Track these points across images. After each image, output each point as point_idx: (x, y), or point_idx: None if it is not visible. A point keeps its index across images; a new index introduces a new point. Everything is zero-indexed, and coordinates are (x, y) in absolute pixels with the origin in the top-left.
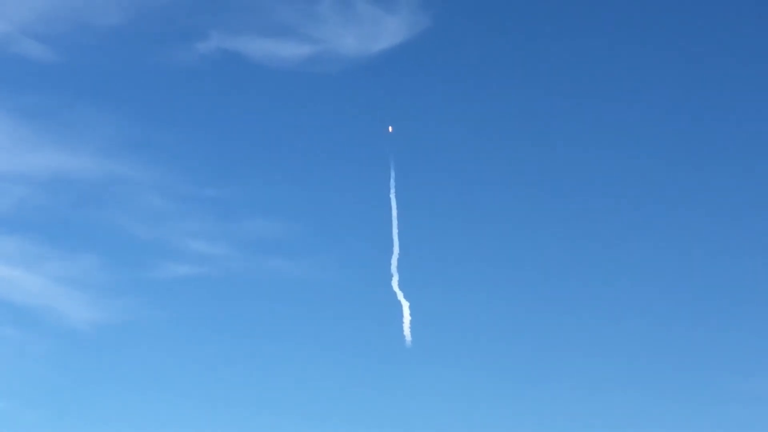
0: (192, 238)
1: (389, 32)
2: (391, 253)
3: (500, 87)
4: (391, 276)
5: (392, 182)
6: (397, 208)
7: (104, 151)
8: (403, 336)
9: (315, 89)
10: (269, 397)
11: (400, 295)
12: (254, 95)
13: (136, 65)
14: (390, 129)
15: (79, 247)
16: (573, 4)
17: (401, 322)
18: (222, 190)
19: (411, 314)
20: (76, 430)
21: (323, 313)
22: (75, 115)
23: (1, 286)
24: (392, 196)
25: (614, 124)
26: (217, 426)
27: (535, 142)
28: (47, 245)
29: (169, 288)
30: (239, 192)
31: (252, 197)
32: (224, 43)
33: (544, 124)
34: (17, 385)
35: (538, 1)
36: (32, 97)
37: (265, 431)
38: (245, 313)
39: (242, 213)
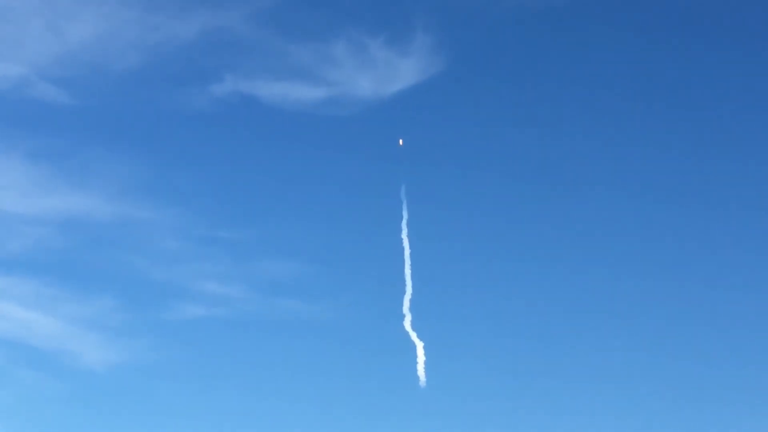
0: (206, 279)
1: (403, 75)
2: (404, 293)
3: (513, 130)
4: (403, 316)
5: (404, 223)
6: (410, 248)
7: (119, 193)
8: (417, 377)
9: (329, 132)
10: None
11: (413, 336)
12: (269, 138)
13: (152, 108)
14: (401, 142)
15: (94, 289)
16: (584, 48)
17: (415, 363)
18: (236, 231)
19: (425, 354)
20: None
21: (337, 355)
22: (91, 157)
23: (17, 328)
24: (404, 236)
25: (624, 168)
26: None
27: (548, 184)
28: (62, 287)
29: (183, 329)
30: (253, 234)
31: (266, 239)
32: (239, 86)
33: (557, 165)
34: (33, 427)
35: (550, 45)
36: (48, 139)
37: None
38: (260, 354)
39: (256, 254)
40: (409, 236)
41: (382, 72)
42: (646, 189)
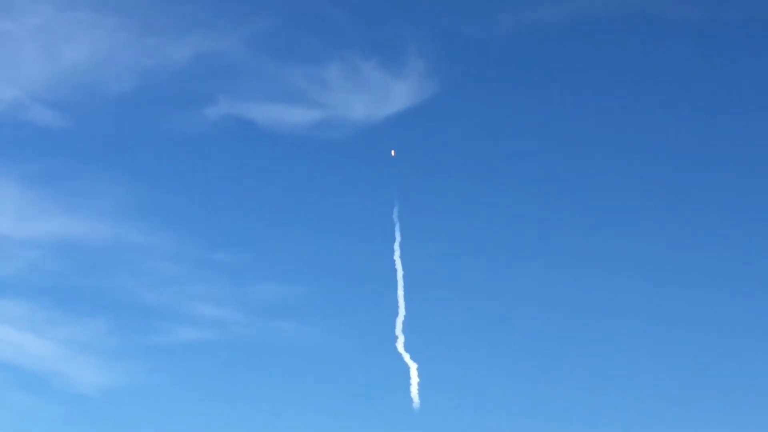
0: (200, 302)
1: (396, 98)
2: (397, 315)
3: (507, 151)
4: (396, 338)
5: (397, 245)
6: (403, 270)
7: (113, 216)
8: (411, 399)
9: (323, 154)
10: None
11: (406, 357)
12: (262, 160)
13: (145, 131)
14: (393, 153)
15: (88, 312)
16: (576, 71)
17: (408, 385)
18: (230, 254)
19: (418, 376)
20: None
21: (331, 377)
22: (84, 180)
23: (10, 351)
24: (397, 258)
25: (621, 188)
26: None
27: (542, 204)
28: (56, 310)
29: (177, 352)
30: (247, 256)
31: (260, 261)
32: (232, 109)
33: (551, 186)
34: None
35: (542, 69)
36: (41, 162)
37: None
38: (254, 377)
39: (250, 277)
40: (401, 258)
41: (375, 95)
42: (640, 203)
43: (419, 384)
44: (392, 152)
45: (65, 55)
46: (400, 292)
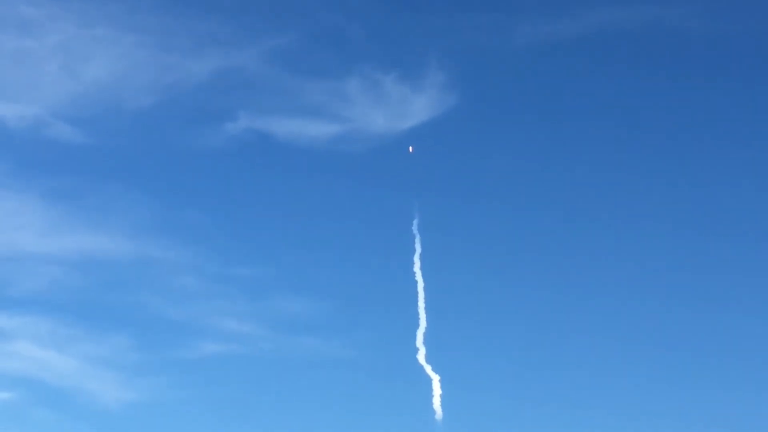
0: (222, 317)
1: (416, 111)
2: (417, 327)
3: (526, 164)
4: (417, 350)
5: (417, 257)
6: (423, 282)
7: (135, 232)
8: (434, 410)
9: (343, 168)
10: None
11: (428, 369)
12: (283, 174)
13: (167, 146)
14: (411, 149)
15: (110, 328)
16: (598, 83)
17: (431, 397)
18: (251, 269)
19: (440, 388)
20: None
21: (353, 390)
22: (106, 196)
23: (33, 367)
24: (417, 270)
25: (639, 199)
26: None
27: (562, 216)
28: (78, 326)
29: (199, 367)
30: (269, 271)
31: (281, 275)
32: (253, 124)
33: (570, 198)
34: None
35: (563, 81)
36: (63, 179)
37: None
38: (276, 392)
39: (272, 292)
40: (422, 270)
41: (396, 108)
42: (662, 217)
43: (441, 396)
44: (410, 148)
45: (86, 72)
46: (421, 304)
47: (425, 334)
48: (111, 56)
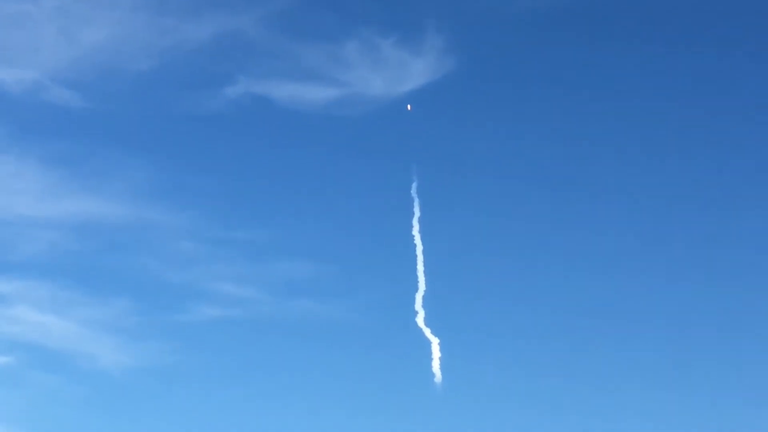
0: (222, 280)
1: (415, 75)
2: (416, 290)
3: (524, 128)
4: (416, 313)
5: (416, 220)
6: (422, 245)
7: (133, 196)
8: (433, 373)
9: (341, 132)
10: None
11: (427, 332)
12: (282, 139)
13: (165, 111)
14: (408, 107)
15: (110, 292)
16: (598, 49)
17: (430, 360)
18: (250, 232)
19: (440, 351)
20: None
21: (352, 353)
22: (104, 160)
23: (33, 332)
24: (416, 233)
25: (638, 169)
26: None
27: (559, 181)
28: (78, 290)
29: (199, 330)
30: (268, 234)
31: (280, 239)
32: (252, 88)
33: (568, 164)
34: (51, 430)
35: (562, 46)
36: (61, 143)
37: None
38: (275, 354)
39: (271, 255)
40: (420, 233)
41: (394, 72)
42: (662, 190)
43: (441, 359)
44: (408, 106)
45: (84, 36)
46: (420, 267)
47: (424, 297)
48: (109, 20)
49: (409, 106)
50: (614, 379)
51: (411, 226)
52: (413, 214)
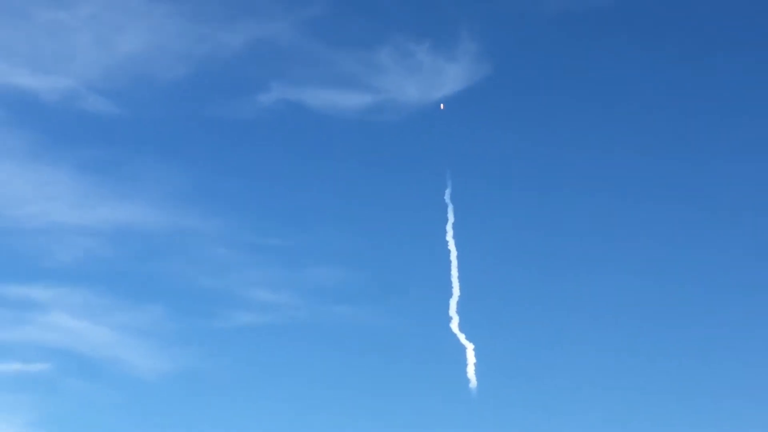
0: (256, 287)
1: (450, 80)
2: (450, 296)
3: (558, 134)
4: (450, 319)
5: (450, 226)
6: (456, 251)
7: (168, 202)
8: (468, 379)
9: (375, 138)
10: None
11: (461, 338)
12: (316, 145)
13: (199, 118)
14: (442, 106)
15: (145, 298)
16: (630, 53)
17: (464, 365)
18: (285, 239)
19: (474, 356)
20: None
21: (386, 359)
22: (139, 167)
23: (68, 338)
24: (450, 239)
25: (672, 176)
26: None
27: (593, 186)
28: (113, 296)
29: (233, 336)
30: (302, 241)
31: (314, 245)
32: (286, 94)
33: (600, 170)
34: None
35: (595, 50)
36: (96, 150)
37: None
38: (309, 360)
39: (304, 261)
40: (454, 238)
41: (428, 78)
42: (688, 195)
43: (476, 364)
44: (441, 106)
45: (119, 44)
46: (454, 273)
47: (458, 303)
48: (143, 27)
49: (442, 105)
50: (649, 384)
51: (445, 232)
52: (447, 219)
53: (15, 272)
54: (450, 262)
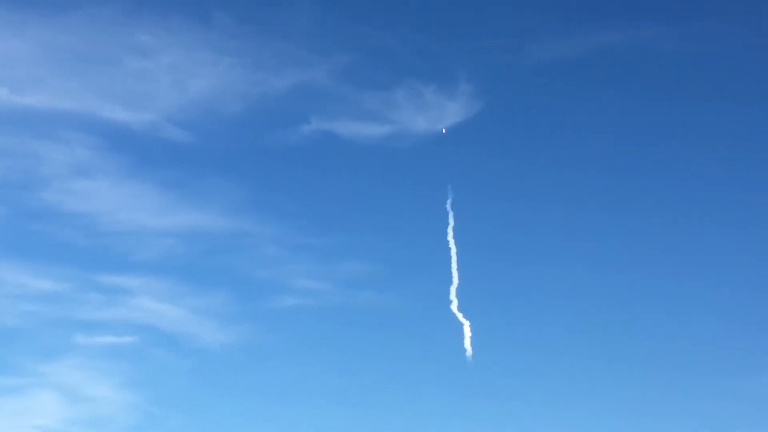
0: (299, 277)
1: (450, 114)
2: (451, 283)
3: (537, 157)
4: (451, 302)
5: (450, 228)
6: (456, 248)
7: (230, 211)
8: (464, 349)
9: (392, 160)
10: (356, 399)
11: (460, 316)
12: (345, 165)
13: (254, 144)
14: (444, 131)
15: (211, 286)
16: (593, 95)
17: (462, 339)
18: (321, 239)
19: (471, 331)
20: (209, 428)
21: (400, 334)
22: (207, 183)
23: (151, 317)
24: (450, 239)
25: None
26: (291, 419)
27: (562, 208)
28: (186, 284)
29: (281, 316)
30: (335, 241)
31: (344, 245)
32: (322, 126)
33: (575, 183)
34: (164, 394)
35: (566, 92)
36: (174, 170)
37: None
38: (340, 335)
39: (338, 257)
40: (454, 239)
41: (433, 112)
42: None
43: (471, 338)
44: (443, 130)
45: (191, 86)
46: (454, 265)
47: (457, 289)
48: (211, 73)
49: (444, 130)
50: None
51: (447, 234)
52: (448, 224)
53: (110, 265)
54: (451, 257)
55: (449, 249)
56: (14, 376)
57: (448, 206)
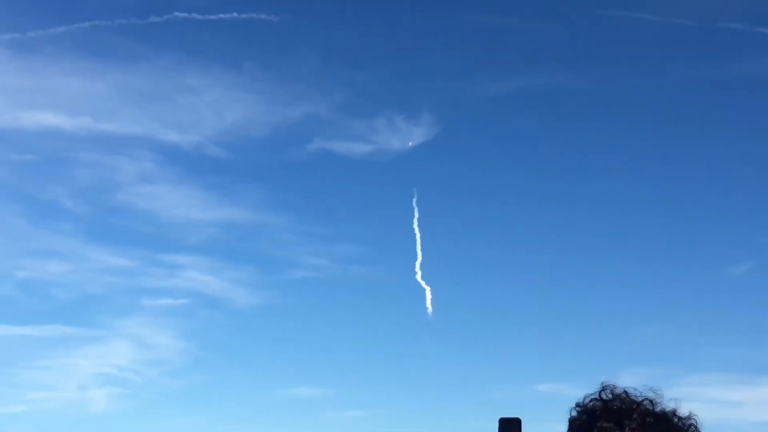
0: (306, 255)
1: (416, 136)
2: (416, 260)
3: (490, 168)
4: (416, 273)
5: (415, 218)
6: (420, 233)
7: (256, 207)
8: (426, 308)
9: (373, 171)
10: (347, 344)
11: (423, 284)
12: (339, 176)
13: (273, 159)
14: (411, 144)
15: (243, 262)
16: (533, 125)
17: (425, 300)
18: (323, 228)
19: (431, 295)
20: (238, 374)
21: (377, 298)
22: (239, 187)
23: (199, 285)
24: (415, 226)
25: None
26: (302, 359)
27: (518, 194)
28: (225, 261)
29: (294, 285)
30: (332, 229)
31: (339, 231)
32: (323, 145)
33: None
34: (209, 343)
35: (514, 120)
36: (214, 178)
37: (328, 380)
38: (337, 300)
39: (334, 240)
40: (419, 226)
41: (404, 135)
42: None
43: (431, 300)
44: (410, 144)
45: (227, 115)
46: (418, 247)
47: (421, 264)
48: (242, 107)
49: (411, 144)
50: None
51: (413, 223)
52: (414, 215)
53: (168, 247)
54: (416, 241)
55: (415, 234)
56: (98, 329)
57: (414, 203)
